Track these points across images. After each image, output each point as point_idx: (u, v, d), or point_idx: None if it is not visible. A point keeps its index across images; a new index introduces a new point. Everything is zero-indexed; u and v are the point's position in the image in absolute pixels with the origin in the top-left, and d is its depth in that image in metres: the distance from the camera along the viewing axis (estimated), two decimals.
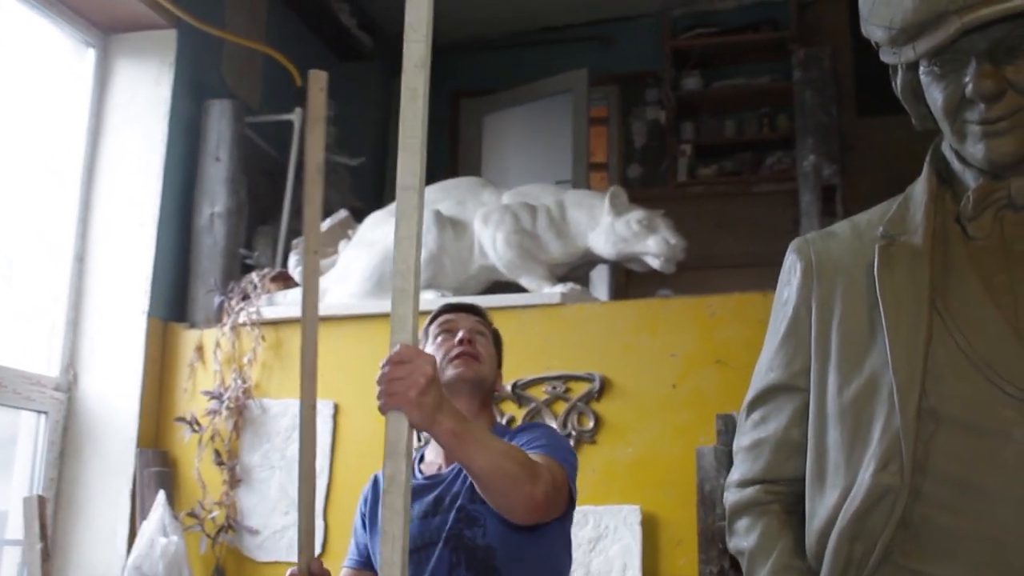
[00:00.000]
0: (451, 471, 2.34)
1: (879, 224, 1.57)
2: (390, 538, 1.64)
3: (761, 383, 1.66)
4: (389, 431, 1.70)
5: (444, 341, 2.45)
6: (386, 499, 1.65)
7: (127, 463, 4.19)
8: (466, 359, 2.41)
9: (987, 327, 1.41)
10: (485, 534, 2.25)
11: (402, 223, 1.67)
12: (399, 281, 1.66)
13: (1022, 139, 1.44)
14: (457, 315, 2.53)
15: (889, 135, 6.19)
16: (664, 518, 3.55)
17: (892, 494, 1.41)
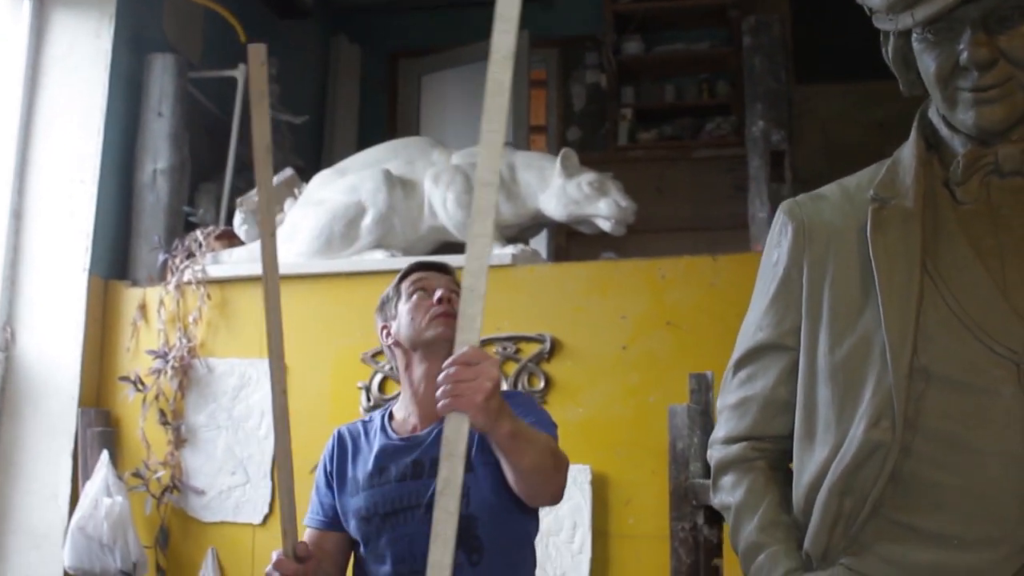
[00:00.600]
0: (428, 433, 2.33)
1: (868, 187, 1.60)
2: (442, 540, 1.63)
3: (749, 342, 1.69)
4: (448, 431, 1.67)
5: (420, 299, 2.42)
6: (440, 501, 1.63)
7: (68, 423, 4.13)
8: (446, 319, 2.38)
9: (976, 289, 1.46)
10: (468, 504, 2.24)
11: (477, 220, 1.62)
12: (470, 280, 1.62)
13: (1011, 107, 1.49)
14: (430, 273, 2.50)
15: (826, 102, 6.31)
16: (614, 478, 3.59)
17: (883, 450, 1.45)
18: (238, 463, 4.04)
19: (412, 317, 2.39)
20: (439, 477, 1.63)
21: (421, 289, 2.44)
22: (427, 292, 2.44)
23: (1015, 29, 1.46)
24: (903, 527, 1.45)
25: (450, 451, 1.63)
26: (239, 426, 4.07)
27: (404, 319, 2.40)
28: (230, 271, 4.24)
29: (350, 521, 2.34)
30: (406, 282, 2.48)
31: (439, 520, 1.63)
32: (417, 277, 2.48)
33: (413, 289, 2.45)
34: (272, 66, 5.44)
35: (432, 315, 2.38)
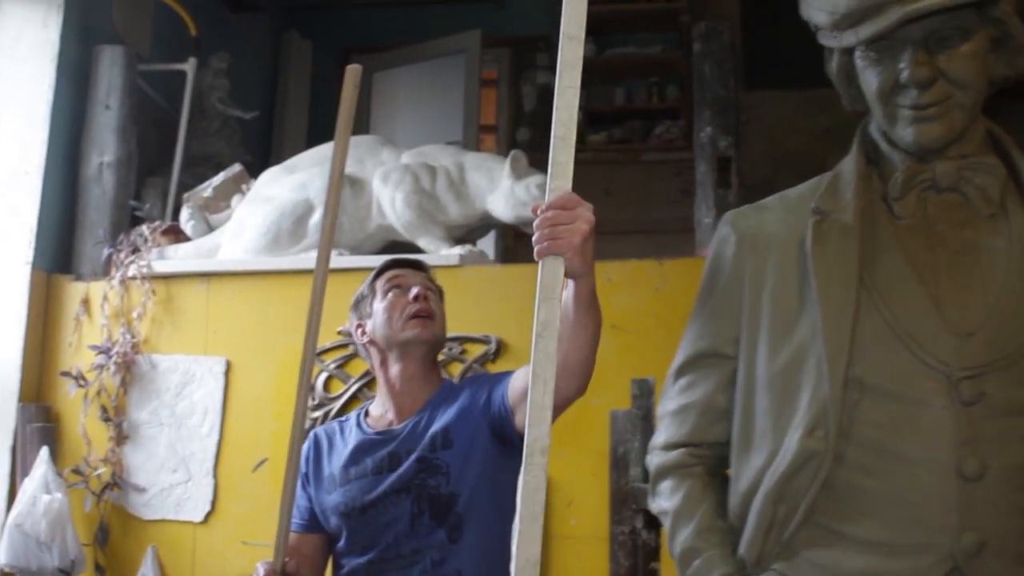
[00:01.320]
0: (404, 427, 2.36)
1: (810, 199, 1.63)
2: (541, 381, 1.62)
3: (690, 349, 1.72)
4: (544, 275, 1.66)
5: (396, 297, 2.43)
6: (539, 344, 1.63)
7: (8, 418, 4.07)
8: (423, 320, 2.41)
9: (911, 302, 1.50)
10: (448, 482, 2.29)
11: (564, 73, 1.70)
12: (560, 130, 1.68)
13: (949, 125, 1.53)
14: (405, 271, 2.51)
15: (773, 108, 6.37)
16: (557, 479, 3.61)
17: (817, 458, 1.48)
18: (180, 460, 4.01)
19: (388, 316, 2.40)
20: (537, 321, 1.62)
21: (396, 287, 2.45)
22: (402, 290, 2.44)
23: (954, 49, 1.51)
24: (834, 534, 1.48)
25: (547, 294, 1.64)
26: (182, 423, 4.04)
27: (380, 318, 2.42)
28: (176, 267, 4.21)
29: (330, 518, 2.36)
30: (381, 280, 2.48)
31: (538, 362, 1.62)
32: (393, 275, 2.48)
33: (388, 287, 2.45)
34: (222, 61, 5.40)
35: (408, 315, 2.40)
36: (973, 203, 1.54)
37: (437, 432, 2.34)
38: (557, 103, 1.70)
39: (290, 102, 6.85)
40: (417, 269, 2.54)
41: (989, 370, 1.44)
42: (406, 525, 2.27)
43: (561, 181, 1.69)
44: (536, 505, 1.58)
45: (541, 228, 1.68)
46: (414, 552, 2.27)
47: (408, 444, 2.33)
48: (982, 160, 1.55)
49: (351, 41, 7.24)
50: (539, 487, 1.59)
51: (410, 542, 2.27)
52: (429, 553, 2.26)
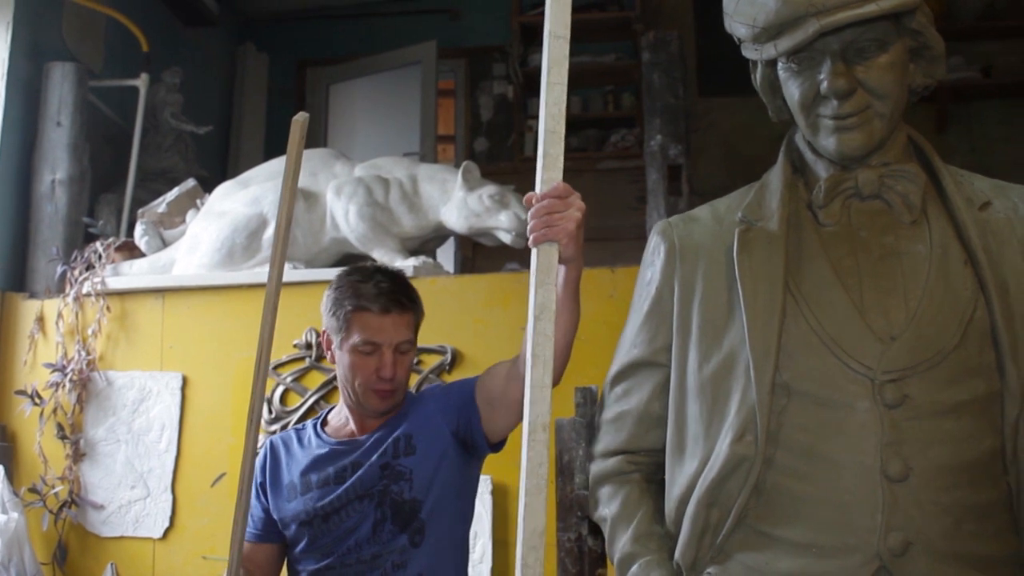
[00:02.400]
0: (368, 437, 2.37)
1: (738, 209, 1.67)
2: (541, 361, 1.68)
3: (624, 358, 1.74)
4: (540, 261, 1.74)
5: (364, 359, 2.34)
6: (537, 326, 1.69)
7: None
8: (385, 395, 2.35)
9: (835, 308, 1.53)
10: (412, 488, 2.30)
11: (552, 70, 1.77)
12: (550, 123, 1.75)
13: (869, 134, 1.57)
14: (386, 321, 2.36)
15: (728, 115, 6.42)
16: (515, 488, 3.62)
17: (747, 463, 1.51)
18: (138, 477, 4.00)
19: (351, 376, 2.35)
20: (535, 304, 1.70)
21: (372, 347, 2.34)
22: (373, 355, 2.34)
23: (872, 60, 1.55)
24: (765, 536, 1.51)
25: (543, 279, 1.72)
26: (139, 439, 4.03)
27: (342, 371, 2.37)
28: (130, 283, 4.20)
29: (290, 525, 2.35)
30: (358, 325, 2.35)
31: (537, 343, 1.68)
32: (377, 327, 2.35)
33: (361, 340, 2.34)
34: (174, 76, 5.40)
35: (371, 389, 2.34)
36: (895, 210, 1.58)
37: (400, 438, 2.35)
38: (546, 99, 1.76)
39: (246, 116, 6.84)
40: (403, 310, 2.39)
41: (912, 373, 1.48)
42: (368, 531, 2.29)
43: (553, 173, 1.77)
44: (539, 479, 1.65)
45: (537, 217, 1.75)
46: (374, 557, 2.28)
47: (371, 454, 2.34)
48: (903, 167, 1.59)
49: (307, 54, 7.24)
50: (542, 461, 1.65)
51: (371, 547, 2.28)
52: (390, 557, 2.28)
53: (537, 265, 1.74)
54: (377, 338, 2.34)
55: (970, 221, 1.56)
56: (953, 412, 1.47)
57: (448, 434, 2.35)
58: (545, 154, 1.77)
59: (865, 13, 1.47)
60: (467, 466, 2.43)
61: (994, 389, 1.49)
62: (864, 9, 1.47)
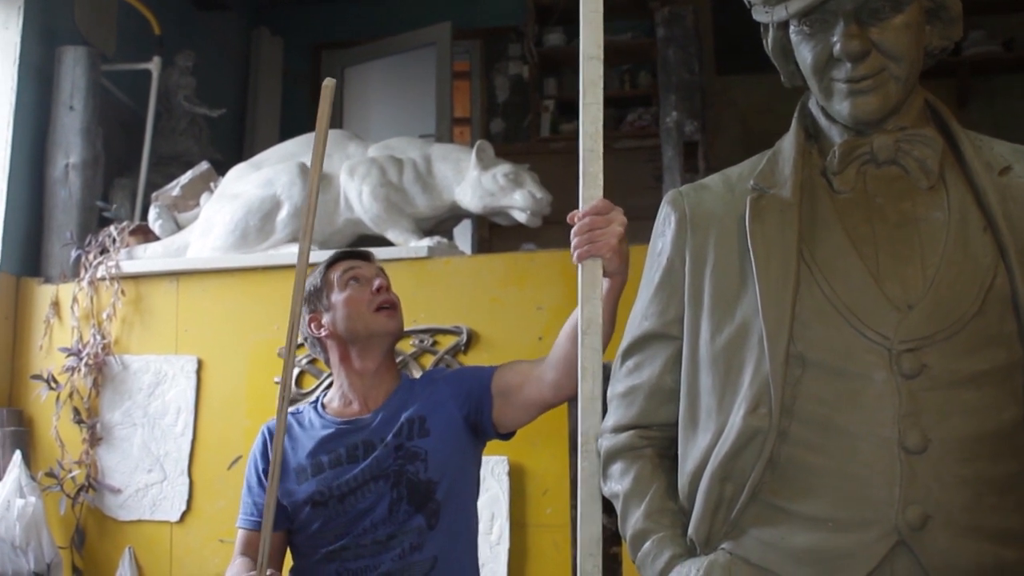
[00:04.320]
0: (374, 416, 2.37)
1: (750, 177, 1.63)
2: (590, 375, 1.78)
3: (635, 331, 1.71)
4: (585, 276, 1.85)
5: (357, 290, 2.42)
6: (585, 340, 1.80)
7: None
8: (389, 311, 2.43)
9: (850, 276, 1.49)
10: (427, 468, 2.30)
11: (588, 91, 1.85)
12: (588, 142, 1.83)
13: (885, 97, 1.52)
14: (359, 262, 2.49)
15: (746, 93, 6.37)
16: (531, 468, 3.61)
17: (761, 436, 1.47)
18: (155, 460, 3.99)
19: (353, 309, 2.40)
20: (582, 319, 1.82)
21: (354, 279, 2.43)
22: (362, 283, 2.43)
23: (887, 21, 1.50)
24: (780, 511, 1.47)
25: (588, 294, 1.84)
26: (155, 423, 4.02)
27: (342, 310, 2.40)
28: (145, 267, 4.19)
29: (302, 508, 2.33)
30: (335, 272, 2.46)
31: (585, 357, 1.79)
32: (348, 266, 2.47)
33: (346, 279, 2.44)
34: (187, 59, 5.38)
35: (375, 305, 2.40)
36: (912, 175, 1.54)
37: (413, 420, 2.35)
38: (583, 118, 1.84)
39: (261, 99, 6.83)
40: (367, 260, 2.52)
41: (929, 342, 1.43)
42: (384, 511, 2.28)
43: (593, 191, 1.86)
44: (593, 488, 1.74)
45: (580, 234, 1.84)
46: (390, 537, 2.27)
47: (381, 432, 2.34)
48: (920, 132, 1.55)
49: (321, 37, 7.22)
50: (594, 472, 1.74)
51: (387, 528, 2.27)
52: (407, 538, 2.27)
53: (583, 280, 1.85)
54: (359, 273, 2.45)
55: (989, 186, 1.51)
56: (973, 382, 1.42)
57: (460, 418, 2.36)
58: (585, 173, 1.85)
59: None
60: (475, 450, 2.45)
61: (1015, 358, 1.44)
62: None
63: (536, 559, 3.58)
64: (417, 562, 2.26)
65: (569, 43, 6.74)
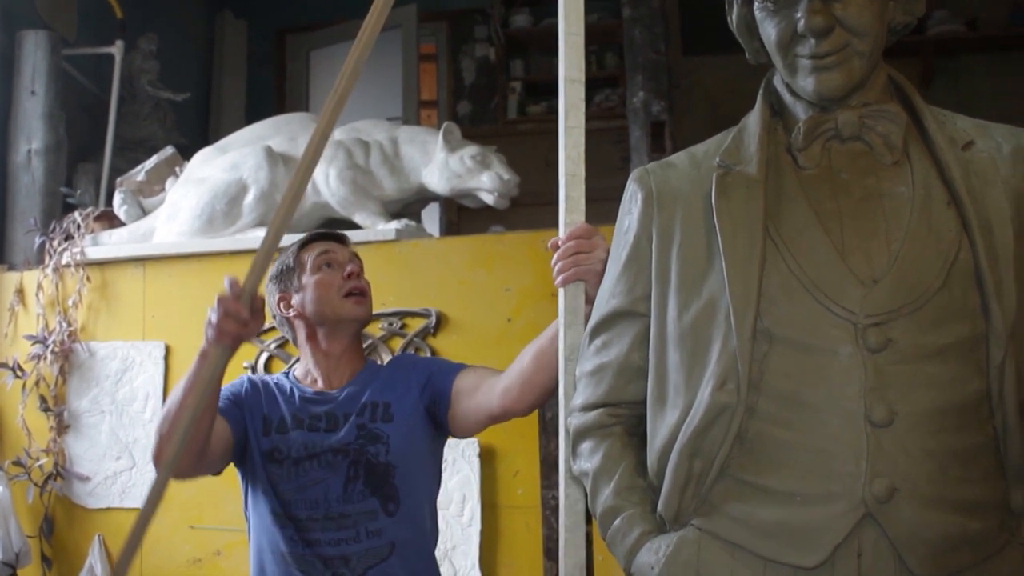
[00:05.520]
0: (341, 391, 2.37)
1: (716, 155, 1.63)
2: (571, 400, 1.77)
3: (603, 310, 1.71)
4: (567, 302, 1.86)
5: (328, 274, 2.41)
6: (568, 367, 1.81)
7: None
8: (359, 298, 2.41)
9: (816, 251, 1.49)
10: (388, 452, 2.30)
11: (570, 114, 1.87)
12: (570, 167, 1.86)
13: (849, 73, 1.53)
14: (333, 245, 2.48)
15: (713, 73, 6.37)
16: (501, 449, 3.61)
17: (729, 411, 1.48)
18: (123, 447, 3.97)
19: (323, 292, 2.39)
20: (564, 345, 1.82)
21: (327, 263, 2.42)
22: (333, 266, 2.42)
23: None
24: (749, 486, 1.48)
25: (571, 320, 1.85)
26: (123, 410, 4.00)
27: (312, 293, 2.40)
28: (110, 252, 4.16)
29: (258, 462, 2.31)
30: (309, 253, 2.45)
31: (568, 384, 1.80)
32: (323, 249, 2.45)
33: (319, 262, 2.42)
34: (151, 43, 5.34)
35: (345, 291, 2.39)
36: (876, 151, 1.55)
37: (377, 404, 2.35)
38: (564, 142, 1.86)
39: (226, 83, 6.78)
40: (342, 243, 2.51)
41: (895, 316, 1.44)
42: (339, 487, 2.26)
43: (575, 215, 1.89)
44: (577, 515, 1.76)
45: (563, 258, 1.86)
46: (343, 516, 2.26)
47: (345, 408, 2.34)
48: (884, 108, 1.55)
49: (286, 20, 7.18)
50: (579, 498, 1.76)
51: (340, 505, 2.26)
52: (363, 522, 2.26)
53: (565, 306, 1.86)
54: (332, 257, 2.43)
55: (953, 161, 1.52)
56: (938, 355, 1.44)
57: (422, 408, 2.37)
58: (567, 197, 1.88)
59: None
60: (436, 442, 2.44)
61: (979, 331, 1.45)
62: None
63: (507, 540, 3.59)
64: (375, 547, 2.25)
65: (536, 24, 6.73)
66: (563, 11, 1.92)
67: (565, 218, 1.89)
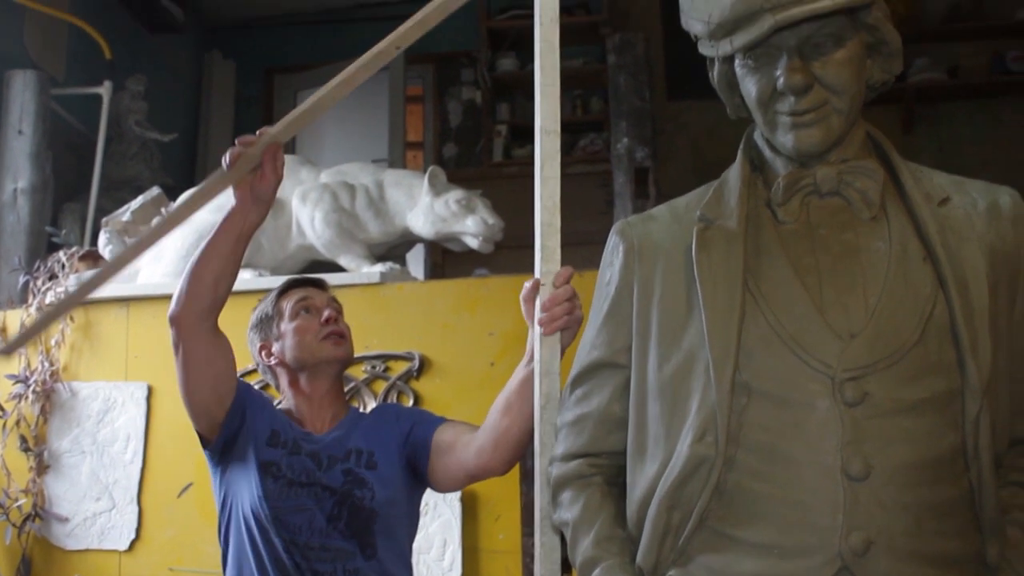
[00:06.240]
0: (326, 436, 2.39)
1: (696, 208, 1.65)
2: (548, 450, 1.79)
3: (584, 360, 1.73)
4: (544, 352, 1.88)
5: (307, 320, 2.43)
6: (544, 415, 1.82)
7: None
8: (337, 339, 2.43)
9: (795, 306, 1.51)
10: (373, 498, 2.31)
11: (546, 164, 1.91)
12: (546, 216, 1.89)
13: (827, 130, 1.56)
14: (310, 290, 2.50)
15: (697, 118, 6.44)
16: (483, 494, 3.61)
17: (708, 464, 1.49)
18: (103, 488, 3.95)
19: (301, 337, 2.41)
20: (540, 393, 1.85)
21: (305, 309, 2.45)
22: (311, 312, 2.45)
23: (829, 56, 1.53)
24: (727, 538, 1.49)
25: (547, 369, 1.86)
26: (104, 451, 3.98)
27: (291, 339, 2.42)
28: (95, 292, 4.14)
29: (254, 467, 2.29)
30: (287, 300, 2.47)
31: (545, 432, 1.81)
32: (300, 296, 2.48)
33: (297, 308, 2.45)
34: (139, 83, 5.36)
35: (323, 335, 2.41)
36: (854, 206, 1.57)
37: (361, 451, 2.37)
38: (540, 192, 1.88)
39: (213, 123, 6.81)
40: (321, 288, 2.53)
41: (871, 371, 1.46)
42: (322, 521, 2.27)
43: (551, 265, 1.92)
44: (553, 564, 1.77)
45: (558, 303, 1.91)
46: (323, 548, 2.26)
47: (331, 451, 2.36)
48: (862, 164, 1.58)
49: (274, 61, 7.23)
50: (555, 547, 1.78)
51: (320, 537, 2.27)
52: (341, 559, 2.26)
53: (543, 354, 1.88)
54: (310, 303, 2.45)
55: (929, 217, 1.55)
56: (913, 409, 1.46)
57: (403, 459, 2.39)
58: (543, 247, 1.90)
59: (820, 8, 1.46)
60: (415, 492, 2.45)
61: (954, 386, 1.47)
62: (819, 4, 1.46)
63: None
64: None
65: (522, 68, 6.79)
66: (539, 63, 1.94)
67: (541, 267, 1.91)
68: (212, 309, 2.22)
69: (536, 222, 1.86)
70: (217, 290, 2.20)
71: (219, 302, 2.22)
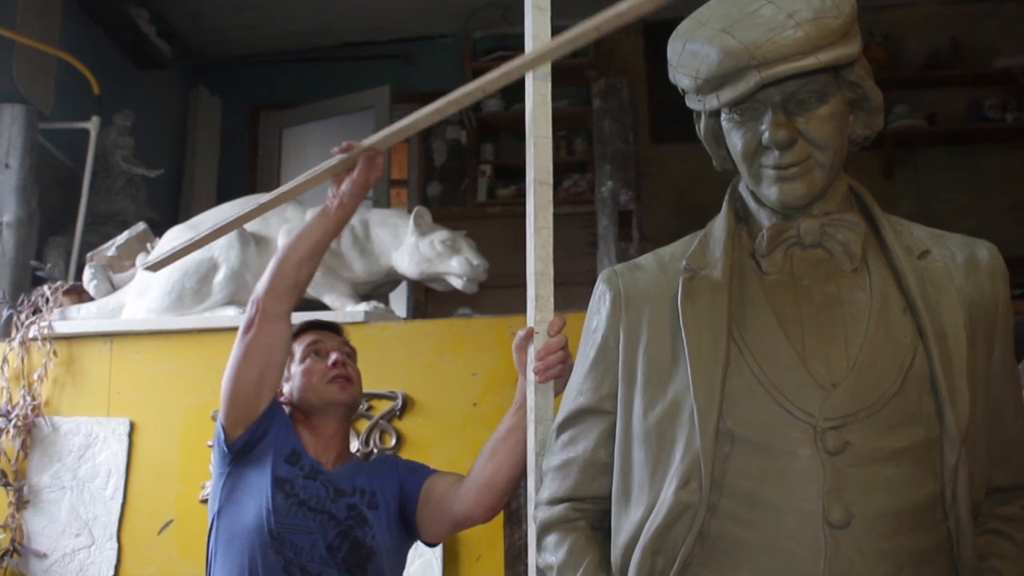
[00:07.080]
0: (336, 472, 2.41)
1: (682, 258, 1.69)
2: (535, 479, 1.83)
3: (571, 406, 1.75)
4: (538, 399, 1.92)
5: (315, 363, 2.48)
6: (538, 462, 1.85)
7: None
8: (343, 383, 2.47)
9: (778, 356, 1.55)
10: (374, 537, 2.34)
11: (538, 215, 1.97)
12: (539, 266, 1.94)
13: (811, 184, 1.59)
14: (323, 334, 2.55)
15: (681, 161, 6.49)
16: (464, 534, 3.59)
17: (692, 510, 1.52)
18: (83, 524, 3.93)
19: (307, 380, 2.46)
20: (534, 440, 1.89)
21: (315, 352, 2.50)
22: (320, 355, 2.50)
23: (812, 112, 1.58)
24: None
25: (541, 416, 1.90)
26: (84, 486, 3.97)
27: (298, 381, 2.47)
28: (78, 327, 4.15)
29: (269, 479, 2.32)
30: (299, 343, 2.52)
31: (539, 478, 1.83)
32: (311, 339, 2.53)
33: (307, 352, 2.50)
34: (126, 119, 5.38)
35: (329, 378, 2.45)
36: (836, 258, 1.61)
37: (364, 489, 2.41)
38: (534, 242, 1.93)
39: (199, 159, 6.83)
40: (334, 332, 2.59)
41: (853, 420, 1.49)
42: (323, 548, 2.30)
43: (544, 313, 1.96)
44: None
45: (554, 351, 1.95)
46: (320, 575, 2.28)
47: (337, 484, 2.39)
48: (844, 217, 1.62)
49: (260, 98, 7.25)
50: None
51: (319, 564, 2.29)
52: None
53: (537, 401, 1.92)
54: (320, 346, 2.51)
55: (909, 270, 1.59)
56: (893, 458, 1.49)
57: (396, 507, 2.43)
58: (537, 296, 1.94)
59: (805, 66, 1.51)
60: (404, 542, 2.49)
61: (933, 435, 1.51)
62: (804, 62, 1.50)
63: None
64: None
65: (507, 109, 6.84)
66: (531, 115, 1.98)
67: (535, 316, 1.94)
68: (293, 289, 2.36)
69: (528, 272, 1.90)
70: (300, 272, 2.36)
71: (299, 286, 2.38)
